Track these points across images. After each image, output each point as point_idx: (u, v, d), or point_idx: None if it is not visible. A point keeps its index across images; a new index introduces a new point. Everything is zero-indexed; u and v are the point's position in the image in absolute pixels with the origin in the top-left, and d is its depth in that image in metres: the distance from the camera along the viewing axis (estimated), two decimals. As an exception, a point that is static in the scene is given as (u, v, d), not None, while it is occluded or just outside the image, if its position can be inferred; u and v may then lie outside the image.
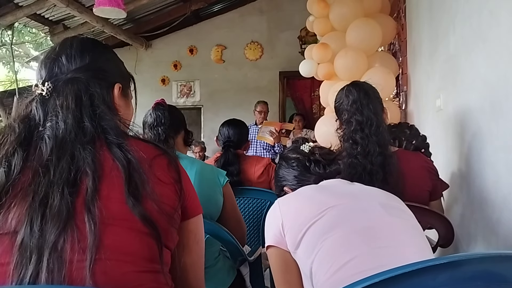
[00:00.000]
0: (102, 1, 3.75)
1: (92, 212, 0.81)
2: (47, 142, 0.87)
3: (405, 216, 1.13)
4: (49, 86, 0.93)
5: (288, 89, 7.10)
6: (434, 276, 0.72)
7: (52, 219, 0.79)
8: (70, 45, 0.98)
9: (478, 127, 1.89)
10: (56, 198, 0.81)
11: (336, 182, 1.29)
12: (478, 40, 1.86)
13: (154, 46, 7.06)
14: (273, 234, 1.13)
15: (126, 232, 0.84)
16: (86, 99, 0.93)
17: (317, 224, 1.06)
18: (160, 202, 0.88)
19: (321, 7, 3.82)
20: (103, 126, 0.92)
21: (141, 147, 0.91)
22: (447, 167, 2.31)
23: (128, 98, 1.07)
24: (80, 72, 0.95)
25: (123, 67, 1.08)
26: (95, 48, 1.02)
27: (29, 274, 0.76)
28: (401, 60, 3.76)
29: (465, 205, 2.09)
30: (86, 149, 0.87)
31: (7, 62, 11.82)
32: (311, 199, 1.16)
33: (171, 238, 0.92)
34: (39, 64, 0.98)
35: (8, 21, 4.77)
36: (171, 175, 0.93)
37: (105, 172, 0.86)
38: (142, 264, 0.84)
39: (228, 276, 1.71)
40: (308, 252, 1.04)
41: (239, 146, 2.50)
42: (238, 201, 2.29)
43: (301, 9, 4.82)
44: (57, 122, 0.89)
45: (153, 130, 1.75)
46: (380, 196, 1.19)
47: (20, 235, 0.78)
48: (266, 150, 5.17)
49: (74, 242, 0.79)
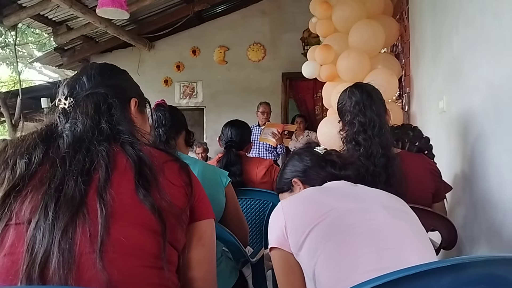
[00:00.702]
0: (105, 2, 3.76)
1: (104, 199, 0.86)
2: (65, 139, 0.96)
3: (408, 218, 1.13)
4: (71, 101, 1.01)
5: (291, 90, 7.10)
6: (437, 279, 0.72)
7: (65, 204, 0.85)
8: (90, 68, 1.08)
9: (481, 129, 1.89)
10: (70, 185, 0.87)
11: (339, 184, 1.28)
12: (482, 41, 1.85)
13: (157, 47, 7.07)
14: (277, 236, 1.13)
15: (135, 228, 0.88)
16: (104, 107, 1.01)
17: (320, 226, 1.06)
18: (169, 201, 0.92)
19: (324, 9, 3.82)
20: (118, 128, 1.00)
21: (154, 152, 0.98)
22: (450, 169, 2.30)
23: (144, 116, 1.16)
24: (99, 87, 1.04)
25: (140, 89, 1.18)
26: (113, 70, 1.13)
27: (41, 254, 0.80)
28: (404, 61, 3.75)
29: (468, 207, 2.08)
30: (101, 145, 0.95)
31: (11, 62, 11.87)
32: (314, 201, 1.16)
33: (178, 237, 0.95)
34: (61, 86, 1.07)
35: (11, 22, 4.79)
36: (182, 179, 0.99)
37: (118, 165, 0.93)
38: (149, 260, 0.88)
39: (230, 278, 1.71)
40: (311, 254, 1.04)
41: (241, 147, 2.50)
42: (241, 202, 2.28)
43: (303, 11, 4.82)
44: (76, 124, 0.98)
45: (154, 131, 1.75)
46: (384, 198, 1.19)
47: (35, 218, 0.83)
48: (269, 151, 5.16)
49: (85, 227, 0.84)
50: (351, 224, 1.07)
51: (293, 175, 1.39)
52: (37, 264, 0.80)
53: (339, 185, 1.28)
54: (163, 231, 0.89)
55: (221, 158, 2.44)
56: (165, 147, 1.70)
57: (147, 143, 1.03)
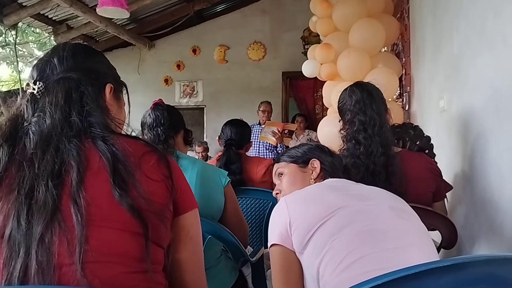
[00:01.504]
0: (106, 1, 3.76)
1: (78, 203, 0.80)
2: (31, 137, 0.87)
3: (413, 219, 1.13)
4: (40, 85, 0.92)
5: (291, 89, 7.09)
6: (437, 279, 0.71)
7: (38, 211, 0.79)
8: (62, 49, 0.98)
9: (482, 128, 1.88)
10: (41, 190, 0.80)
11: (343, 182, 1.28)
12: (482, 40, 1.84)
13: (157, 46, 7.07)
14: (279, 232, 1.10)
15: (114, 232, 0.83)
16: (76, 95, 0.92)
17: (326, 225, 1.05)
18: (148, 199, 0.86)
19: (324, 8, 3.81)
20: (90, 121, 0.91)
21: (129, 144, 0.90)
22: (451, 168, 2.30)
23: (120, 102, 1.06)
24: (72, 71, 0.95)
25: (116, 72, 1.07)
26: (87, 51, 1.02)
27: (19, 267, 0.76)
28: (405, 60, 3.75)
29: (468, 206, 2.08)
30: (72, 142, 0.87)
31: (11, 62, 11.85)
32: (320, 199, 1.14)
33: (163, 235, 0.90)
34: (32, 67, 0.99)
35: (12, 21, 4.79)
36: (161, 172, 0.91)
37: (90, 164, 0.85)
38: (133, 265, 0.83)
39: (230, 277, 1.71)
40: (316, 253, 1.03)
41: (241, 146, 2.50)
42: (240, 201, 2.28)
43: (304, 10, 4.82)
44: (43, 118, 0.89)
45: (152, 130, 1.74)
46: (389, 198, 1.18)
47: (8, 229, 0.78)
48: (269, 150, 5.15)
49: (62, 234, 0.78)
50: (356, 224, 1.05)
51: (317, 157, 1.38)
52: (16, 278, 0.76)
53: (343, 183, 1.27)
54: (145, 232, 0.84)
55: (220, 157, 2.44)
56: (164, 147, 1.70)
57: (122, 134, 0.95)
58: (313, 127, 5.90)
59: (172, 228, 0.94)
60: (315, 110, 7.01)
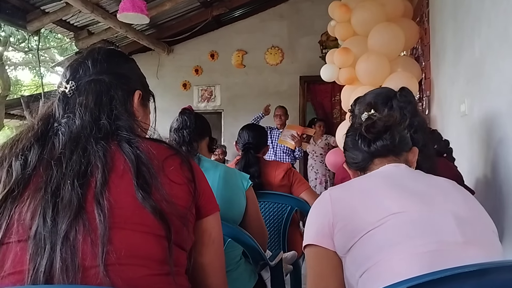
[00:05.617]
0: (126, 7, 3.83)
1: (101, 204, 0.81)
2: (60, 137, 0.90)
3: (484, 240, 0.98)
4: (72, 84, 0.95)
5: (309, 93, 7.08)
6: (461, 284, 0.71)
7: (63, 209, 0.81)
8: (97, 52, 1.01)
9: (504, 133, 1.85)
10: (67, 189, 0.82)
11: (393, 170, 1.08)
12: (505, 43, 1.82)
13: (176, 51, 7.14)
14: (320, 231, 0.99)
15: (138, 235, 0.84)
16: (106, 99, 0.95)
17: (374, 233, 0.92)
18: (171, 202, 0.87)
19: (343, 12, 3.80)
20: (118, 124, 0.93)
21: (153, 147, 0.91)
22: (472, 173, 2.27)
23: (147, 110, 1.09)
24: (104, 74, 0.97)
25: (145, 81, 1.10)
26: (121, 57, 1.06)
27: (44, 263, 0.77)
28: (424, 64, 3.71)
29: (491, 212, 2.02)
30: (99, 143, 0.88)
31: (33, 67, 12.12)
32: (369, 198, 1.00)
33: (185, 238, 0.91)
34: (65, 66, 1.02)
35: (35, 27, 4.90)
36: (184, 175, 0.92)
37: (115, 166, 0.87)
38: (157, 267, 0.84)
39: (249, 281, 1.71)
40: (358, 264, 0.92)
41: (259, 150, 2.51)
42: (259, 205, 2.28)
43: (321, 14, 4.83)
44: (73, 119, 0.92)
45: (178, 132, 1.78)
46: (454, 197, 1.00)
47: (34, 226, 0.80)
48: (286, 154, 5.16)
49: (86, 233, 0.80)
50: (412, 241, 0.89)
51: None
52: (41, 273, 0.77)
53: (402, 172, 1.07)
54: (168, 235, 0.84)
55: (239, 160, 2.45)
56: (188, 148, 1.72)
57: (146, 137, 0.97)
58: (331, 131, 5.88)
59: (194, 231, 0.95)
60: (333, 115, 6.98)
